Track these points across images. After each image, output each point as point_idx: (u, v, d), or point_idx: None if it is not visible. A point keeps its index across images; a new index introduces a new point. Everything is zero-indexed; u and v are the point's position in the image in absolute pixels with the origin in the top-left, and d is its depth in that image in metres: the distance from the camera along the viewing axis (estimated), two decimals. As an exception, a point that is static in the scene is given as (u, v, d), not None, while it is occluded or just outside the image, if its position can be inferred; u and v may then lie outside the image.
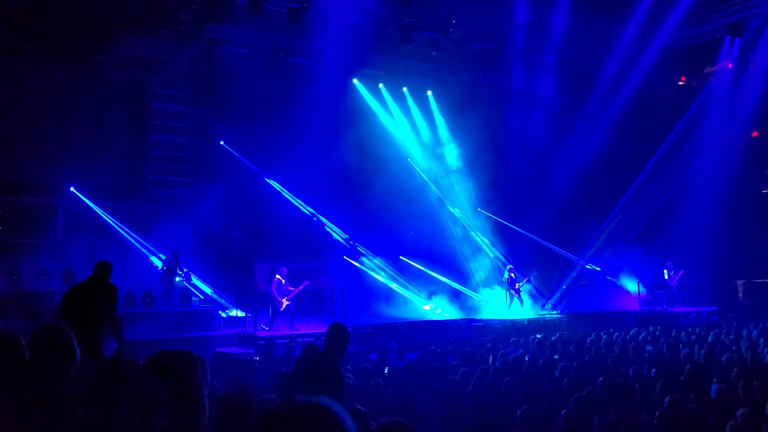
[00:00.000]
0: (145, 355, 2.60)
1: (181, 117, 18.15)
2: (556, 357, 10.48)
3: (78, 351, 3.25)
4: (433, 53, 18.71)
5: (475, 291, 20.00)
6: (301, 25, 16.58)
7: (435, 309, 18.77)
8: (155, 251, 16.68)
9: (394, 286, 19.25)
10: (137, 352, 6.10)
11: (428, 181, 21.18)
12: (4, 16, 14.32)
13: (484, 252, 21.17)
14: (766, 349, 10.15)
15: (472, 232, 21.22)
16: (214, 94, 17.22)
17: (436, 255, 19.80)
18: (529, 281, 19.39)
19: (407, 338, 14.02)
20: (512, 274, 18.62)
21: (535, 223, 20.98)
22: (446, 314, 18.40)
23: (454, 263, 20.39)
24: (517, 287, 18.51)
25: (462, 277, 20.31)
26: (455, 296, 19.47)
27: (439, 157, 21.53)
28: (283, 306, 14.43)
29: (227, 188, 16.48)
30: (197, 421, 2.10)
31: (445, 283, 19.72)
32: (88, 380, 2.79)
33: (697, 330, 14.08)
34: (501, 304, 18.71)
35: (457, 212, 21.18)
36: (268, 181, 18.67)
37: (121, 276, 6.86)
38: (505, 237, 21.44)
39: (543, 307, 19.49)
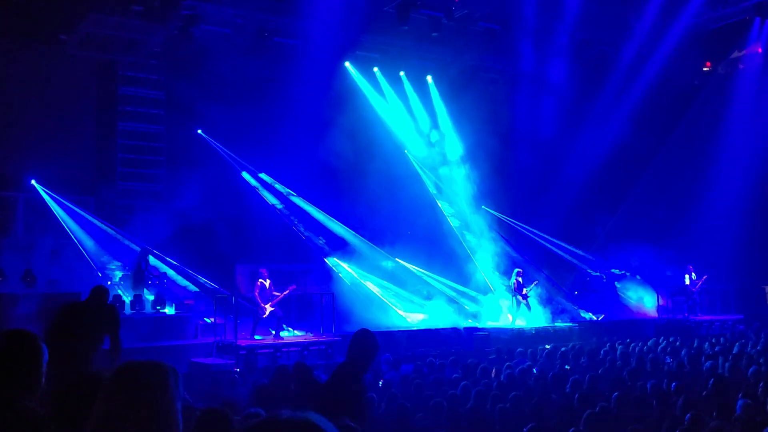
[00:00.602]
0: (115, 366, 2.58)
1: (155, 103, 18.11)
2: (567, 367, 10.53)
3: (45, 364, 3.11)
4: (434, 34, 18.63)
5: (476, 295, 20.01)
6: (288, 1, 16.51)
7: (423, 314, 18.83)
8: (125, 250, 16.64)
9: (381, 293, 19.20)
10: (106, 363, 6.12)
11: (427, 173, 21.16)
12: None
13: (485, 253, 21.12)
14: (796, 362, 10.20)
15: (470, 234, 21.18)
16: (192, 78, 17.11)
17: (433, 255, 19.80)
18: (537, 285, 19.38)
19: (403, 348, 14.04)
20: (519, 278, 18.60)
21: (543, 221, 21.00)
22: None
23: (453, 264, 20.39)
24: (524, 292, 18.50)
25: (462, 280, 20.32)
26: (453, 300, 19.50)
27: (439, 147, 21.53)
28: (267, 312, 14.40)
29: (205, 181, 16.42)
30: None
31: (442, 287, 19.74)
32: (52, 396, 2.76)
33: (722, 340, 14.16)
34: (505, 310, 18.73)
35: (452, 217, 21.15)
36: (244, 176, 18.66)
37: (86, 278, 6.87)
38: (510, 236, 21.46)
39: (557, 312, 19.24)
